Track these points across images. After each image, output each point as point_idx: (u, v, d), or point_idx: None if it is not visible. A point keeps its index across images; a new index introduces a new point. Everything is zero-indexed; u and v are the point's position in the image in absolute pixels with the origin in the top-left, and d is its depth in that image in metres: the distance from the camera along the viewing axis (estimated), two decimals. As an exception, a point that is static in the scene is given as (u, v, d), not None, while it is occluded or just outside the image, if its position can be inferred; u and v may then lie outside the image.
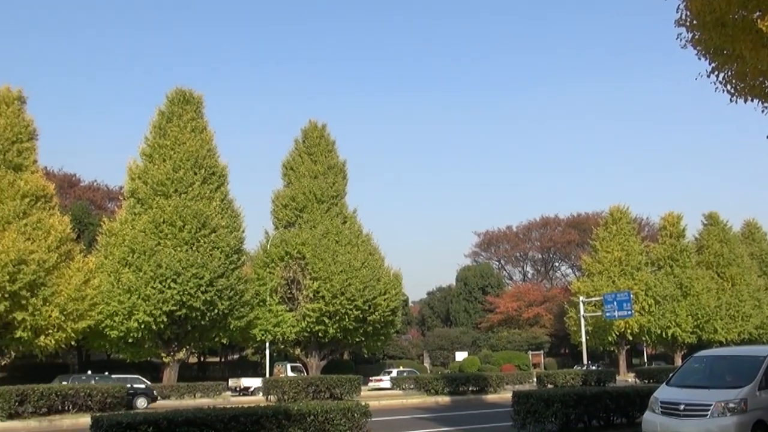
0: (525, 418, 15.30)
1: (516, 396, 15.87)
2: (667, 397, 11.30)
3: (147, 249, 36.48)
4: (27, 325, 32.46)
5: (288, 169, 48.05)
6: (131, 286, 35.79)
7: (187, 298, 35.87)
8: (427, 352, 69.17)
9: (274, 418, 11.89)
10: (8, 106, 35.70)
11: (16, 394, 22.89)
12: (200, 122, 41.58)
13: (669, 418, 10.96)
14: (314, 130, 48.71)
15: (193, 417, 11.21)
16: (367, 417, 13.50)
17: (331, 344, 45.74)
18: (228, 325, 39.11)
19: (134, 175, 39.51)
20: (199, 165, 39.59)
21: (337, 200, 46.92)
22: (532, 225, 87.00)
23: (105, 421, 10.76)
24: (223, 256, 37.95)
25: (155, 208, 37.74)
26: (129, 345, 37.94)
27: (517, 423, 15.51)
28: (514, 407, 15.76)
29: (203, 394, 34.62)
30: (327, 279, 42.22)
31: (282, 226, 46.40)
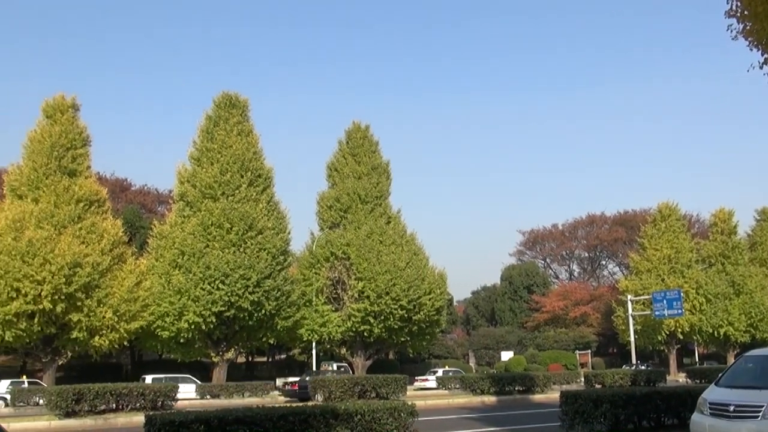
0: (573, 418, 15.13)
1: (564, 396, 15.69)
2: (717, 398, 11.03)
3: (196, 251, 37.21)
4: (82, 325, 33.54)
5: (332, 170, 48.39)
6: (181, 288, 36.54)
7: (235, 298, 36.46)
8: (472, 351, 68.86)
9: (322, 417, 11.93)
10: (63, 114, 36.92)
11: (73, 393, 23.40)
12: (246, 125, 42.24)
13: (718, 420, 10.70)
14: (358, 130, 48.94)
15: (242, 416, 11.32)
16: (413, 416, 13.44)
17: (376, 344, 45.92)
18: (275, 326, 39.62)
19: (183, 178, 40.40)
20: (245, 168, 40.22)
21: (381, 200, 47.04)
22: (578, 223, 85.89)
23: (158, 419, 10.93)
24: (270, 257, 38.44)
25: (204, 210, 38.46)
26: (180, 345, 38.75)
27: (566, 423, 15.34)
28: (562, 407, 15.60)
29: (251, 394, 35.05)
30: (372, 279, 42.39)
31: (327, 227, 46.72)
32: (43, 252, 31.99)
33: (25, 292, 31.53)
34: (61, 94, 37.69)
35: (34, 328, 32.77)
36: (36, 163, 35.44)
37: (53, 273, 31.76)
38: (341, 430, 12.04)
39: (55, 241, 32.67)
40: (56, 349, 35.24)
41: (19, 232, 32.55)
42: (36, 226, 33.18)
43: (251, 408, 12.16)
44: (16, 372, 42.51)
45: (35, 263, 31.74)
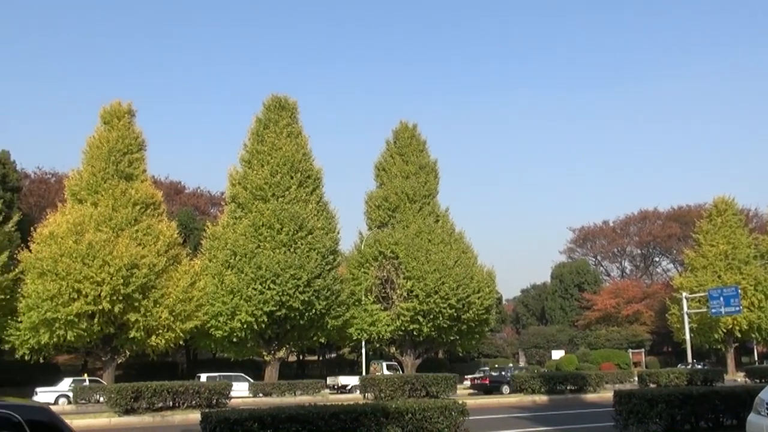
0: (627, 418, 14.94)
1: (618, 395, 15.51)
2: (775, 398, 10.79)
3: (248, 251, 37.91)
4: (140, 325, 34.51)
5: (380, 169, 48.70)
6: (234, 288, 37.28)
7: (286, 298, 37.02)
8: (522, 350, 68.33)
9: (373, 416, 11.96)
10: (119, 120, 38.10)
11: (132, 390, 24.03)
12: (295, 127, 42.84)
13: (776, 420, 10.46)
14: (405, 130, 49.13)
15: (295, 414, 11.43)
16: (464, 415, 13.35)
17: (425, 343, 46.02)
18: (325, 325, 40.07)
19: (235, 180, 41.23)
20: (295, 169, 40.81)
21: (429, 199, 47.14)
22: (629, 219, 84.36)
23: (214, 417, 11.14)
24: (320, 257, 38.88)
25: (255, 212, 39.16)
26: (233, 344, 39.53)
27: (619, 423, 15.17)
28: (615, 407, 15.42)
29: (303, 392, 35.46)
30: (420, 278, 42.51)
31: (375, 226, 47.03)
32: (103, 254, 33.08)
33: (86, 293, 32.66)
34: (117, 101, 38.93)
35: (95, 328, 33.91)
36: (95, 168, 36.65)
37: (112, 274, 32.83)
38: (392, 428, 12.05)
39: (113, 244, 33.75)
40: (115, 348, 36.35)
41: (79, 235, 33.73)
42: (95, 229, 34.32)
43: (303, 406, 12.20)
44: (77, 370, 43.95)
45: (95, 265, 32.85)
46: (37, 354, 34.88)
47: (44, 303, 32.49)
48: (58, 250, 33.11)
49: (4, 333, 34.33)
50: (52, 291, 32.43)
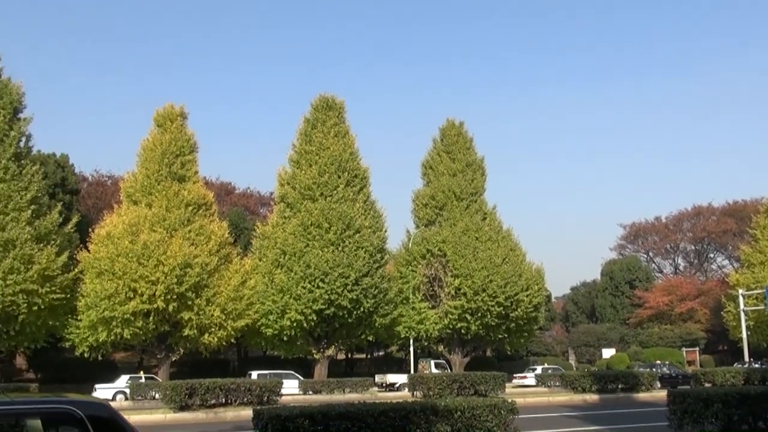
0: (682, 418, 14.68)
1: (672, 395, 15.26)
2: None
3: (297, 250, 38.38)
4: (193, 323, 35.31)
5: (427, 168, 48.69)
6: (283, 287, 37.79)
7: (334, 296, 37.36)
8: (571, 348, 67.49)
9: (422, 414, 11.98)
10: (172, 122, 39.02)
11: (186, 387, 24.58)
12: (343, 127, 43.17)
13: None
14: (452, 128, 49.01)
15: (345, 411, 11.52)
16: (514, 414, 13.29)
17: (473, 341, 45.86)
18: (373, 323, 40.29)
19: (283, 180, 41.81)
20: (342, 168, 41.14)
21: (476, 197, 46.94)
22: (682, 215, 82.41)
23: (265, 413, 11.33)
24: (368, 255, 39.11)
25: (303, 211, 39.61)
26: (283, 342, 40.09)
27: (674, 423, 14.93)
28: (669, 407, 15.18)
29: (351, 390, 35.70)
30: (468, 276, 42.39)
31: (423, 224, 47.06)
32: (157, 254, 33.96)
33: (141, 292, 33.58)
34: (170, 104, 39.87)
35: (150, 326, 34.81)
36: (149, 170, 37.62)
37: (166, 273, 33.66)
38: (441, 426, 12.05)
39: (167, 244, 34.59)
40: (170, 346, 37.26)
41: (134, 236, 34.71)
42: (150, 229, 35.23)
43: (353, 404, 12.31)
44: (134, 368, 45.13)
45: (150, 264, 33.74)
46: (95, 351, 35.94)
47: (102, 302, 33.55)
48: (114, 251, 34.15)
49: (65, 331, 35.52)
50: (110, 290, 33.46)
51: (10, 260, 31.96)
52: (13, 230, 32.61)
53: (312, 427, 11.12)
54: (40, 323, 34.18)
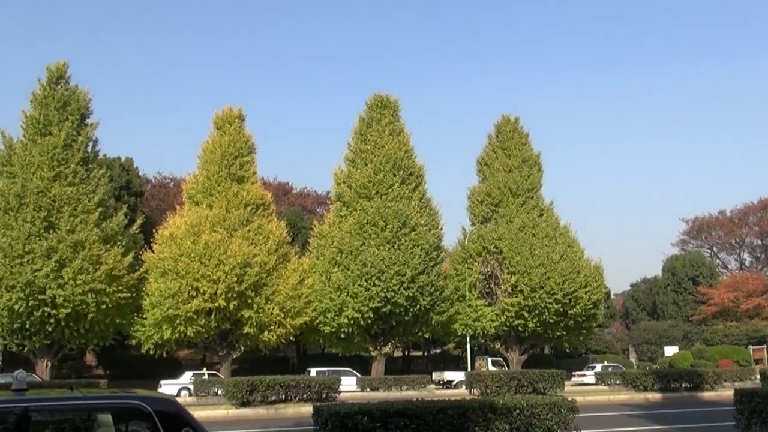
0: (750, 418, 14.31)
1: (739, 394, 14.88)
2: None
3: (353, 249, 38.72)
4: (253, 321, 36.03)
5: (482, 164, 48.42)
6: (340, 285, 38.16)
7: (390, 294, 37.54)
8: (632, 346, 66.09)
9: (480, 411, 11.99)
10: (231, 125, 39.89)
11: (247, 384, 25.08)
12: (397, 125, 43.33)
13: None
14: (507, 123, 48.61)
15: (403, 408, 11.64)
16: (574, 412, 13.19)
17: (531, 338, 45.44)
18: (430, 320, 40.34)
19: (339, 179, 42.24)
20: (397, 167, 41.32)
21: (532, 193, 46.44)
22: (748, 209, 79.62)
23: (325, 410, 11.56)
24: (423, 253, 39.16)
25: (359, 210, 39.92)
26: (340, 340, 40.50)
27: (741, 423, 14.57)
28: (737, 406, 14.82)
29: (409, 387, 35.76)
30: (525, 273, 42.02)
31: (478, 221, 46.83)
32: (218, 253, 34.77)
33: (203, 290, 34.44)
34: (228, 106, 40.74)
35: (212, 324, 35.68)
36: (209, 172, 38.54)
37: (226, 273, 34.43)
38: (500, 424, 12.01)
39: (227, 243, 35.37)
40: (231, 343, 38.09)
41: (196, 236, 35.61)
42: (210, 229, 36.08)
43: (411, 401, 12.37)
44: (197, 364, 46.26)
45: (211, 264, 34.58)
46: (160, 349, 37.01)
47: (166, 301, 34.55)
48: (177, 251, 35.14)
49: (132, 329, 36.72)
50: (173, 289, 34.43)
51: (80, 261, 33.19)
52: (82, 232, 33.86)
53: (371, 424, 11.23)
54: (108, 321, 35.40)
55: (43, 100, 36.12)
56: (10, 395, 5.26)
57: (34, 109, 36.19)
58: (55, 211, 33.98)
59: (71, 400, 5.33)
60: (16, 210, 33.64)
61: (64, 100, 36.40)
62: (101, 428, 5.35)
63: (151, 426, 5.20)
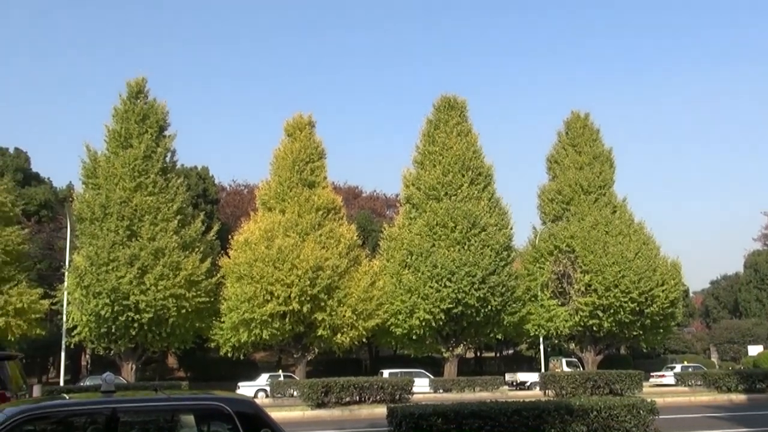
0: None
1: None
2: None
3: (423, 251, 38.85)
4: (326, 324, 36.64)
5: (552, 162, 47.77)
6: (411, 287, 38.36)
7: (461, 295, 37.50)
8: (713, 346, 63.80)
9: (556, 413, 11.87)
10: (301, 131, 40.74)
11: (322, 386, 25.40)
12: (465, 126, 43.26)
13: None
14: (577, 120, 47.82)
15: (477, 410, 11.61)
16: (654, 414, 12.84)
17: (606, 338, 44.51)
18: (501, 321, 40.09)
19: (408, 182, 42.47)
20: (466, 167, 41.26)
21: (604, 190, 45.52)
22: (836, 200, 75.59)
23: (399, 411, 11.62)
24: (494, 253, 38.96)
25: (429, 211, 40.04)
26: (412, 341, 40.70)
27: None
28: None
29: (482, 388, 35.54)
30: (599, 272, 41.23)
31: (549, 220, 46.25)
32: (291, 258, 35.51)
33: (278, 294, 35.25)
34: (299, 113, 41.61)
35: (286, 327, 36.46)
36: (281, 178, 39.42)
37: (300, 276, 35.13)
38: (576, 426, 11.86)
39: (300, 248, 36.09)
40: (305, 345, 38.82)
41: (270, 241, 36.49)
42: (284, 234, 36.90)
43: (485, 402, 12.35)
44: (273, 366, 47.24)
45: (284, 268, 35.34)
46: (237, 351, 38.01)
47: (242, 304, 35.55)
48: (252, 256, 36.09)
49: (210, 332, 37.89)
50: (249, 293, 35.40)
51: (160, 267, 34.49)
52: (162, 239, 35.20)
53: (445, 426, 11.24)
54: (188, 325, 36.61)
55: (123, 114, 37.74)
56: (99, 397, 5.52)
57: (115, 123, 37.86)
58: (136, 220, 35.46)
59: (156, 401, 5.58)
60: (101, 220, 35.29)
61: (144, 114, 37.94)
62: (184, 429, 5.59)
63: (231, 427, 5.36)
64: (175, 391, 6.75)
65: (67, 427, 5.38)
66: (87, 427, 5.36)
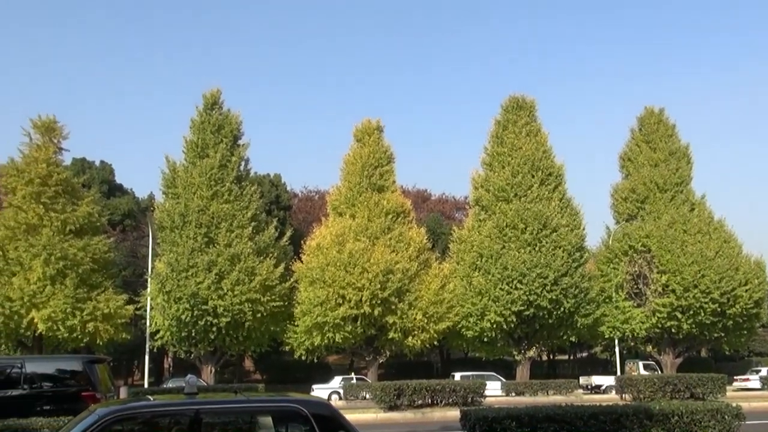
0: None
1: None
2: None
3: (493, 253, 38.69)
4: (397, 327, 37.01)
5: (625, 160, 46.76)
6: (482, 289, 38.25)
7: (533, 297, 37.16)
8: (805, 347, 60.85)
9: (635, 417, 11.58)
10: (370, 136, 41.29)
11: (394, 388, 25.56)
12: (534, 125, 42.85)
13: None
14: (651, 116, 46.68)
15: (552, 413, 11.41)
16: (740, 420, 12.32)
17: (685, 340, 43.19)
18: (575, 323, 39.51)
19: (477, 184, 42.37)
20: (535, 168, 40.88)
21: (681, 187, 44.26)
22: None
23: (472, 414, 11.51)
24: (566, 254, 38.46)
25: (498, 213, 39.86)
26: (483, 344, 40.55)
27: None
28: None
29: (555, 392, 35.17)
30: (676, 272, 40.09)
31: (623, 219, 45.30)
32: (361, 262, 36.03)
33: (349, 298, 35.83)
34: (367, 119, 42.19)
35: (358, 330, 37.00)
36: (351, 183, 40.07)
37: (370, 280, 35.62)
38: (656, 431, 11.62)
39: (370, 252, 36.59)
40: (377, 348, 39.27)
41: (341, 246, 37.12)
42: (354, 239, 37.47)
43: (560, 406, 12.10)
44: (345, 369, 47.93)
45: (355, 272, 35.88)
46: (311, 354, 38.74)
47: (315, 308, 36.27)
48: (324, 260, 36.79)
49: (285, 336, 38.74)
50: (321, 297, 36.10)
51: (237, 273, 35.54)
52: (238, 246, 36.27)
53: (519, 429, 11.10)
54: (263, 329, 37.58)
55: (200, 125, 39.09)
56: (183, 398, 5.77)
57: (192, 134, 39.26)
58: (213, 227, 36.64)
59: (236, 403, 5.83)
60: (181, 228, 36.64)
61: (219, 124, 39.21)
62: (262, 430, 5.81)
63: (308, 428, 5.51)
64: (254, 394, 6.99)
65: (153, 427, 5.64)
66: (171, 427, 5.63)
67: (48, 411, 12.98)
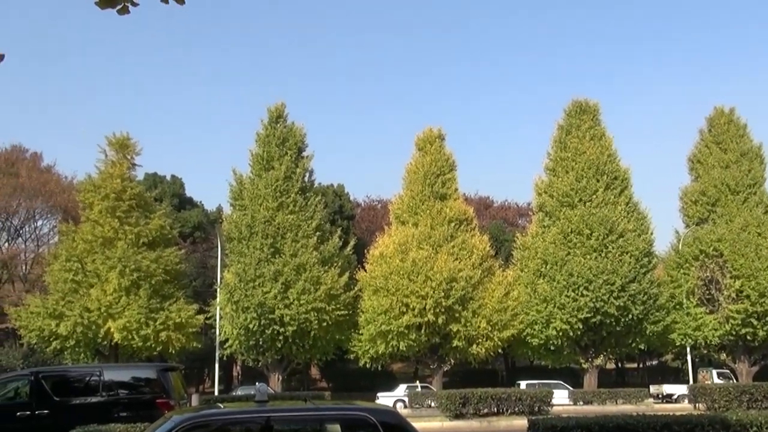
0: None
1: None
2: None
3: (558, 259, 38.23)
4: (461, 335, 36.98)
5: (694, 162, 45.54)
6: (547, 296, 37.84)
7: (600, 304, 36.53)
8: None
9: (710, 428, 11.30)
10: (431, 145, 41.52)
11: (460, 397, 25.64)
12: (598, 129, 42.22)
13: None
14: (721, 116, 45.35)
15: (623, 423, 11.21)
16: None
17: (762, 348, 41.55)
18: (644, 331, 38.64)
19: (540, 190, 41.98)
20: (600, 172, 40.25)
21: (755, 188, 42.80)
22: None
23: (540, 424, 11.33)
24: (633, 260, 37.71)
25: (562, 219, 39.38)
26: (549, 352, 40.05)
27: None
28: None
29: (625, 401, 34.52)
30: (751, 276, 38.73)
31: (693, 223, 44.05)
32: (425, 270, 36.20)
33: (413, 306, 36.00)
34: (429, 127, 42.43)
35: (422, 338, 37.12)
36: (413, 191, 40.28)
37: (434, 288, 35.72)
38: None
39: (433, 260, 36.70)
40: (441, 356, 39.27)
41: (404, 254, 37.38)
42: (417, 247, 37.67)
43: (631, 415, 11.93)
44: (410, 377, 48.01)
45: (419, 280, 36.06)
46: (375, 362, 39.01)
47: (379, 317, 36.60)
48: (387, 269, 37.12)
49: (349, 344, 39.16)
50: (385, 306, 36.41)
51: (302, 282, 36.18)
52: (303, 255, 36.93)
53: None
54: (329, 337, 38.13)
55: (265, 138, 40.03)
56: (255, 406, 5.98)
57: (258, 147, 40.23)
58: (279, 237, 37.38)
59: (306, 411, 5.98)
60: (248, 239, 37.55)
61: (283, 137, 40.04)
62: None
63: None
64: (323, 402, 7.16)
65: (226, 434, 5.83)
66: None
67: (125, 417, 13.35)
